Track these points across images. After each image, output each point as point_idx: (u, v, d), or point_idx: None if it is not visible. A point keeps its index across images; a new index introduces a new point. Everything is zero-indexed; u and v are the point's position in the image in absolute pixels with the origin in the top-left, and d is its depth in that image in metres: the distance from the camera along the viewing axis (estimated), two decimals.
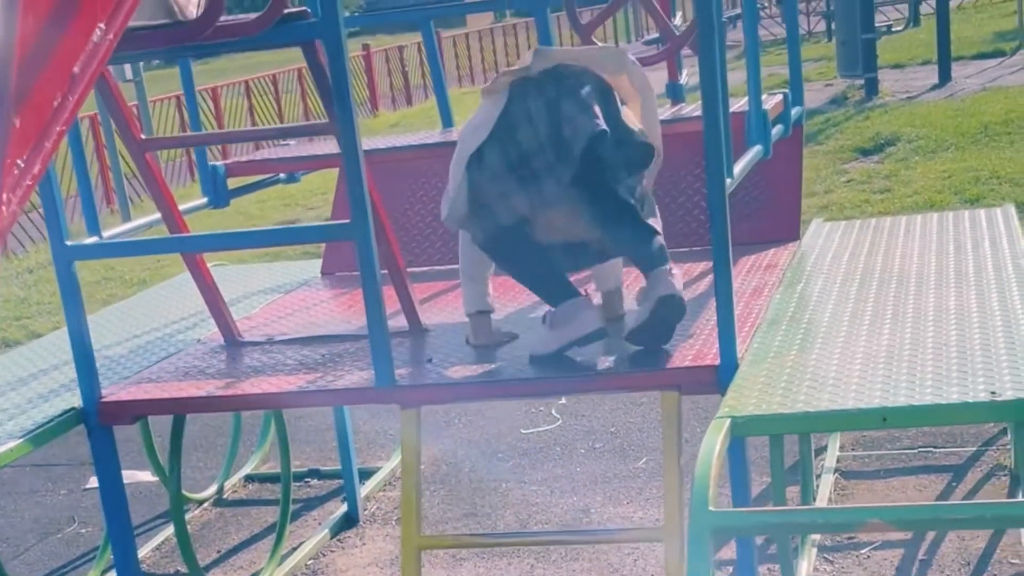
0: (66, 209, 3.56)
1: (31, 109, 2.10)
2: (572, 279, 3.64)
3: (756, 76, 3.94)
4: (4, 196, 2.02)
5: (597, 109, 3.42)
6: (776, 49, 19.47)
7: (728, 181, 3.15)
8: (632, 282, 3.98)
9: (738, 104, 4.20)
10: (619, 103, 3.54)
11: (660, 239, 3.51)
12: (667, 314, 3.43)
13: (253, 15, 3.00)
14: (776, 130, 4.17)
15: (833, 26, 19.56)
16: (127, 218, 4.42)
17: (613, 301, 3.88)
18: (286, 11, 2.97)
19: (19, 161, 2.07)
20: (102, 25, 2.24)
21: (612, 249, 3.60)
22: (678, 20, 5.22)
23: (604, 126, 3.38)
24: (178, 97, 15.21)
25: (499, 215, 3.47)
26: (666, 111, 4.85)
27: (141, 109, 4.85)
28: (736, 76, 4.51)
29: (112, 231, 3.96)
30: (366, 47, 24.07)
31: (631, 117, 3.54)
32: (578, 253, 3.60)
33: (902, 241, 4.53)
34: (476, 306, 3.78)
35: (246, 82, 18.66)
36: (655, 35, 4.88)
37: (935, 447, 5.32)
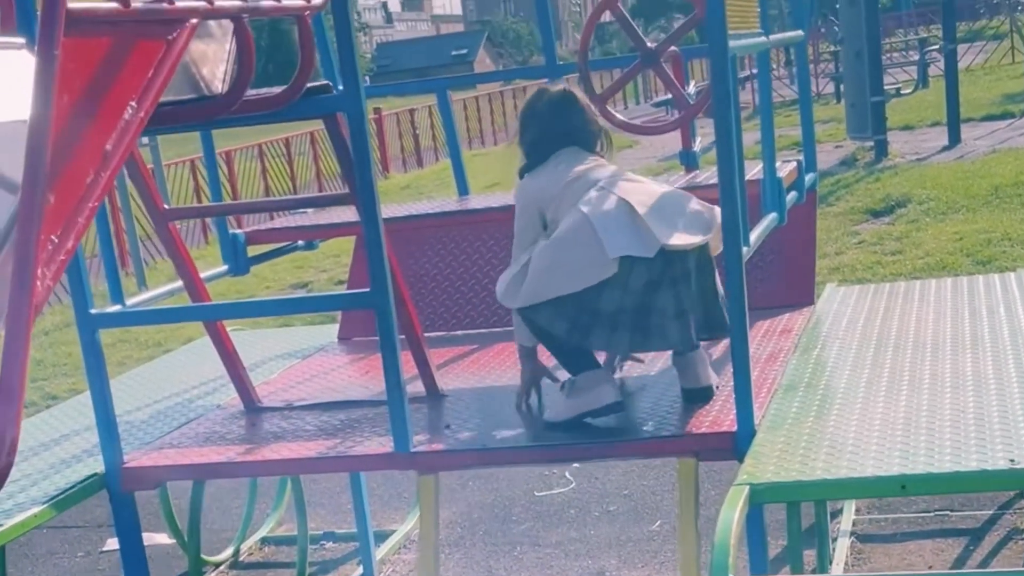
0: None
1: (65, 186, 2.17)
2: None
3: (770, 144, 4.00)
4: (39, 271, 2.07)
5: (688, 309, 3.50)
6: (785, 110, 19.60)
7: (744, 250, 3.19)
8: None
9: (753, 172, 4.25)
10: (714, 268, 3.57)
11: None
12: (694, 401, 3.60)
13: (277, 88, 3.06)
14: (790, 197, 4.22)
15: (842, 88, 19.70)
16: (142, 282, 4.48)
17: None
18: (309, 85, 3.03)
19: (53, 237, 2.13)
20: (133, 103, 2.31)
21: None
22: (691, 88, 5.29)
23: (692, 339, 3.54)
24: (192, 161, 15.35)
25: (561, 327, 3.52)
26: (680, 179, 4.91)
27: (157, 174, 4.90)
28: (748, 137, 4.56)
29: (135, 299, 4.00)
30: (377, 111, 24.27)
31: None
32: None
33: (917, 306, 4.56)
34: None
35: (259, 145, 18.82)
36: (664, 97, 4.95)
37: (952, 511, 5.31)
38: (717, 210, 3.41)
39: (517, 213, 3.74)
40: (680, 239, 3.42)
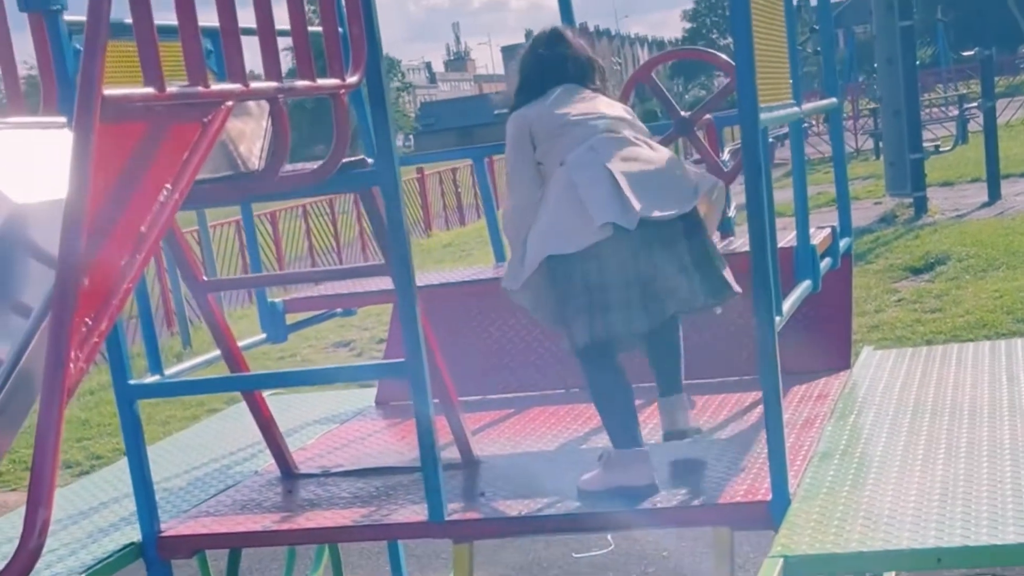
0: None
1: (100, 269, 2.21)
2: None
3: (804, 211, 4.01)
4: (72, 354, 2.11)
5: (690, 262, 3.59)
6: (824, 167, 19.55)
7: (778, 319, 3.20)
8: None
9: (786, 239, 4.25)
10: (705, 230, 3.69)
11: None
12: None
13: (312, 164, 3.11)
14: (825, 263, 4.22)
15: (881, 144, 19.66)
16: (187, 342, 4.53)
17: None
18: (345, 160, 3.08)
19: (87, 319, 2.17)
20: (169, 186, 2.35)
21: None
22: (726, 155, 5.31)
23: (702, 300, 3.63)
24: (237, 221, 15.50)
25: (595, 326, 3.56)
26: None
27: (203, 239, 4.98)
28: (785, 194, 4.57)
29: (174, 368, 4.05)
30: (420, 170, 24.44)
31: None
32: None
33: (955, 370, 4.53)
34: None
35: (304, 206, 18.99)
36: (696, 157, 5.05)
37: None
38: (706, 177, 3.64)
39: (508, 145, 3.77)
40: (658, 212, 3.48)
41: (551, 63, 3.87)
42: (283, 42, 2.89)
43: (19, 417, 2.34)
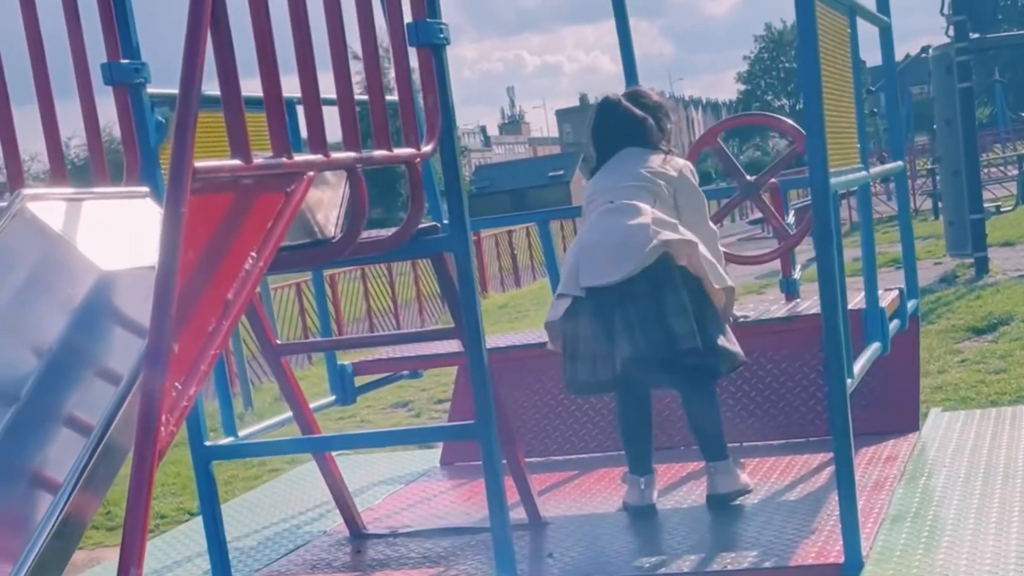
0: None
1: (189, 335, 2.27)
2: None
3: (872, 273, 4.02)
4: (163, 417, 2.17)
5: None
6: (882, 227, 19.45)
7: (849, 382, 3.21)
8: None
9: (855, 301, 4.26)
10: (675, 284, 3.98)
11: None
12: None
13: (387, 231, 3.17)
14: (893, 325, 4.22)
15: (940, 204, 19.55)
16: (248, 403, 4.59)
17: None
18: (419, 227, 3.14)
19: (177, 384, 2.23)
20: (254, 254, 2.42)
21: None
22: (791, 218, 5.34)
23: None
24: (298, 284, 15.65)
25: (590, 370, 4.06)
26: (783, 307, 4.93)
27: (265, 303, 5.05)
28: (846, 254, 4.58)
29: (247, 430, 4.12)
30: (476, 233, 24.56)
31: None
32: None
33: None
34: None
35: (362, 269, 19.12)
36: (759, 215, 5.09)
37: None
38: (662, 236, 3.95)
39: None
40: (598, 280, 3.97)
41: (601, 136, 4.36)
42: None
43: (106, 482, 2.40)
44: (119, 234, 2.83)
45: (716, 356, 4.01)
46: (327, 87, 2.74)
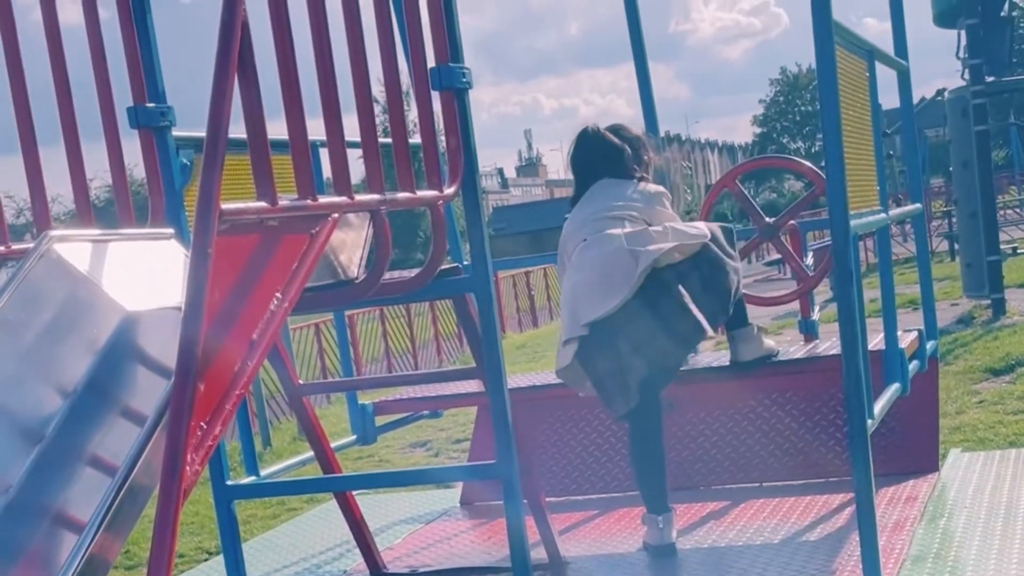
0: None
1: (214, 375, 2.29)
2: None
3: (892, 314, 4.03)
4: (188, 456, 2.19)
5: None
6: (898, 268, 19.43)
7: (869, 422, 3.21)
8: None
9: (874, 342, 4.27)
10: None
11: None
12: None
13: (409, 272, 3.20)
14: (913, 366, 4.23)
15: (956, 246, 19.52)
16: (267, 442, 4.61)
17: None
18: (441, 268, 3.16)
19: (202, 424, 2.25)
20: (279, 295, 2.45)
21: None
22: (809, 259, 5.36)
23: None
24: (316, 325, 15.69)
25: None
26: (801, 348, 4.94)
27: (285, 343, 5.08)
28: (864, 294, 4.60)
29: (269, 469, 4.13)
30: (494, 274, 24.60)
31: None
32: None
33: None
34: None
35: (381, 309, 19.16)
36: (776, 256, 5.08)
37: None
38: (649, 251, 4.04)
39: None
40: (598, 312, 4.01)
41: (580, 166, 4.46)
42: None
43: (130, 522, 2.42)
44: (145, 275, 2.86)
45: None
46: (351, 130, 2.78)
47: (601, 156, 4.37)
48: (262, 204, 2.36)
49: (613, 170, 4.35)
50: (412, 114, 3.16)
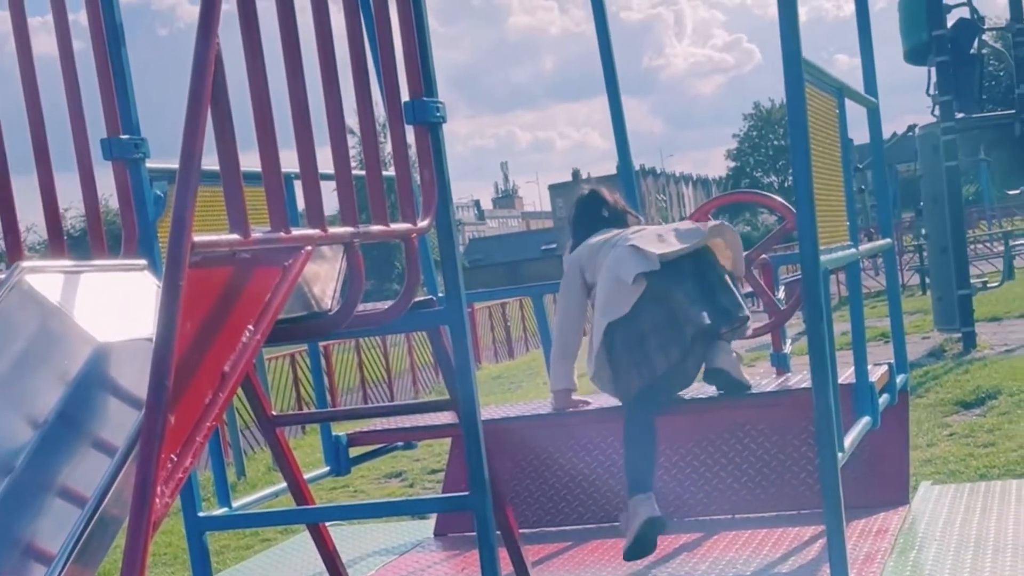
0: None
1: (185, 407, 2.30)
2: None
3: (862, 349, 4.06)
4: (159, 488, 2.18)
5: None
6: (870, 302, 19.51)
7: (840, 455, 3.23)
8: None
9: (844, 375, 4.30)
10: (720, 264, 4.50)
11: None
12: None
13: (383, 304, 3.20)
14: (883, 399, 4.26)
15: (927, 280, 19.64)
16: (241, 472, 4.60)
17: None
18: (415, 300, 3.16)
19: (172, 456, 2.25)
20: (251, 327, 2.45)
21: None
22: (780, 293, 5.40)
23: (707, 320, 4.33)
24: (292, 355, 15.66)
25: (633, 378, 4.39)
26: (772, 382, 4.97)
27: (259, 373, 5.07)
28: (835, 328, 4.63)
29: (241, 500, 4.12)
30: (470, 305, 24.61)
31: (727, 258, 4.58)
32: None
33: (1014, 507, 4.52)
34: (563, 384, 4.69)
35: (356, 340, 19.14)
36: (748, 290, 5.13)
37: None
38: (710, 224, 4.54)
39: (563, 281, 4.76)
40: (670, 248, 4.38)
41: (587, 220, 4.88)
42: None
43: (100, 554, 2.41)
44: (116, 306, 2.86)
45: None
46: (324, 162, 2.78)
47: (612, 214, 4.88)
48: (235, 236, 2.37)
49: (618, 225, 4.82)
50: (388, 146, 3.17)
